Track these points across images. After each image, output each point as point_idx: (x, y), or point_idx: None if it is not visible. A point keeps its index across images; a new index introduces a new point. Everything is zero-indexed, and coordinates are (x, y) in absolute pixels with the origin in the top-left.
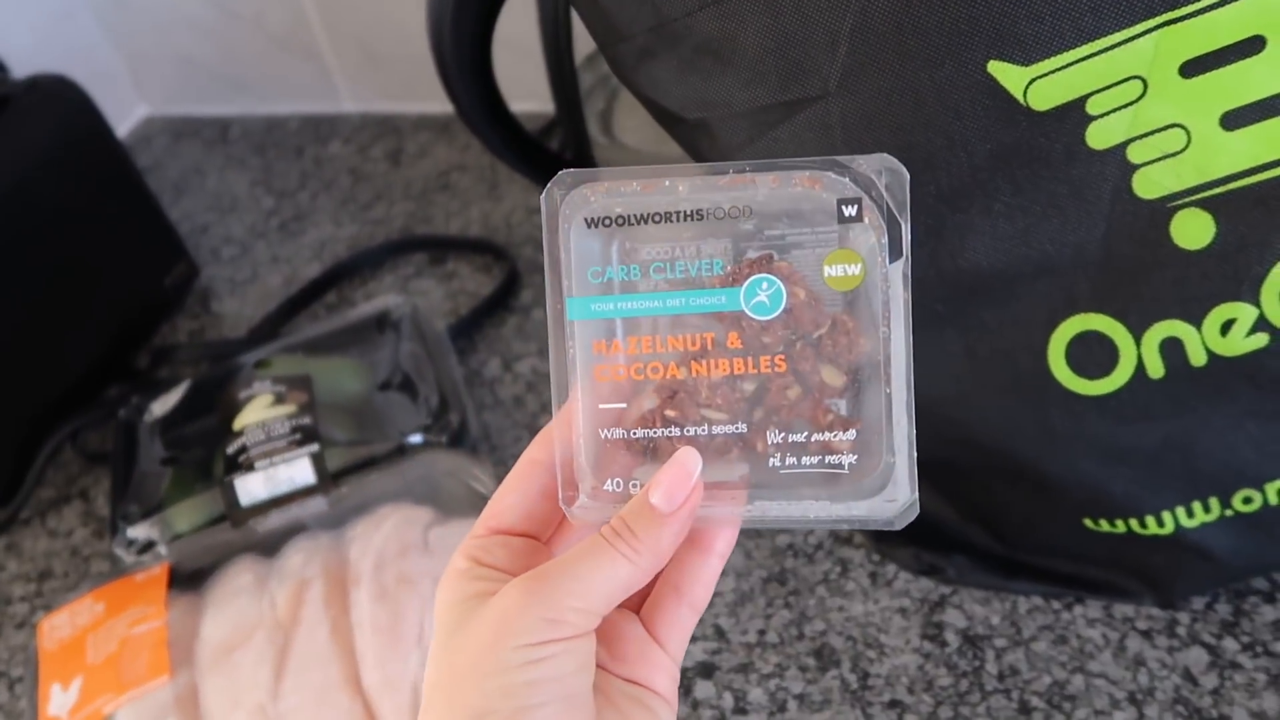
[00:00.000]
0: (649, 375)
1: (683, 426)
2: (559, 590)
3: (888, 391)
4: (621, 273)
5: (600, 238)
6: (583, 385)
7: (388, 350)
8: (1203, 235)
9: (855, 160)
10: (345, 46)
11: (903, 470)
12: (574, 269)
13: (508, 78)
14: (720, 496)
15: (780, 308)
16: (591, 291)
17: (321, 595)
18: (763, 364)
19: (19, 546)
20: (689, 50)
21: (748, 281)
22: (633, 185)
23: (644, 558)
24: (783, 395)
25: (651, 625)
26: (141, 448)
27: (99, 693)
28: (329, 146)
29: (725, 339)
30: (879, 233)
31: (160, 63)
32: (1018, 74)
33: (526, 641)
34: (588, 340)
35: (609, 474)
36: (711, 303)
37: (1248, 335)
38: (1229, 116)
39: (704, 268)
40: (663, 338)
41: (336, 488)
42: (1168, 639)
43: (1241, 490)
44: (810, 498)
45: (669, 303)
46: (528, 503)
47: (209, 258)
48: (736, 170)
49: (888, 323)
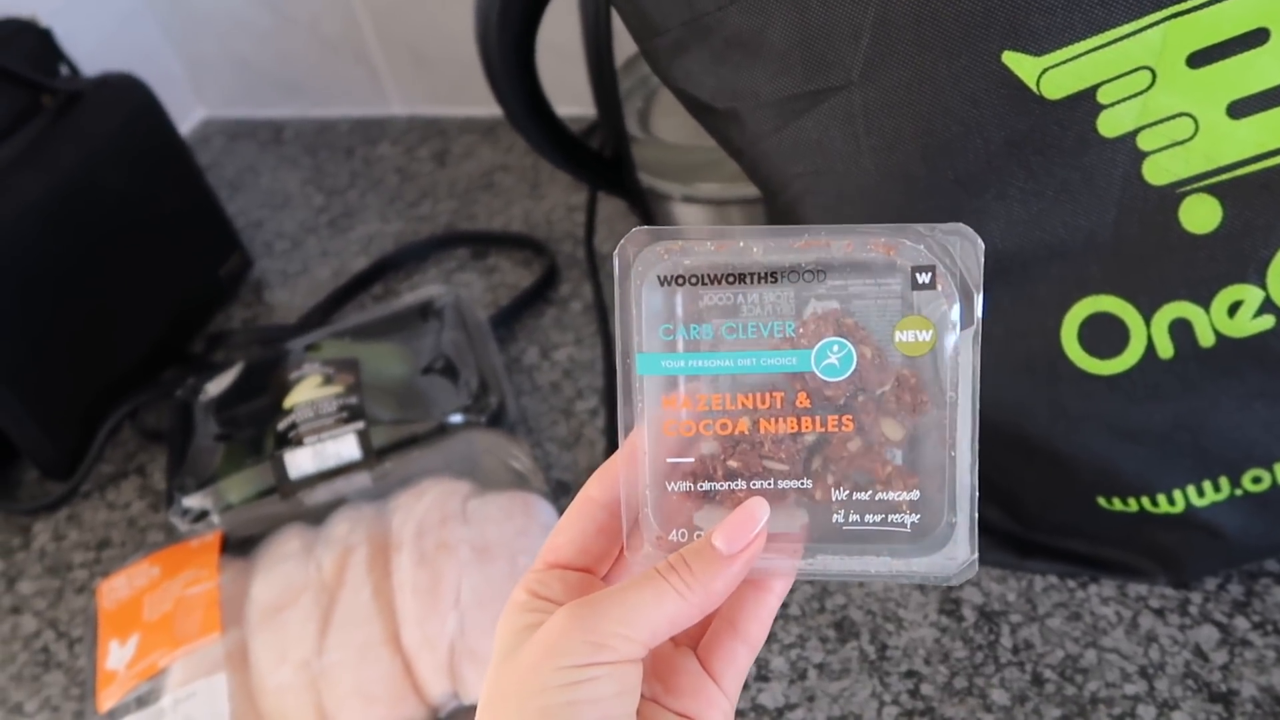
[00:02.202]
0: (718, 431)
1: (748, 479)
2: (605, 616)
3: (952, 455)
4: (693, 331)
5: (673, 295)
6: (650, 438)
7: (431, 337)
8: (1210, 220)
9: (931, 228)
10: (395, 51)
11: (963, 530)
12: (644, 325)
13: (551, 81)
14: (781, 548)
15: (850, 369)
16: (662, 348)
17: (365, 560)
18: (830, 423)
19: (80, 517)
20: (720, 43)
21: (819, 344)
22: (707, 245)
23: (695, 594)
24: (843, 447)
25: (707, 661)
26: (197, 425)
27: (154, 648)
28: (378, 147)
29: (795, 399)
30: (950, 301)
31: (218, 67)
32: (1031, 64)
33: (569, 663)
34: (656, 395)
35: (674, 525)
36: (782, 363)
37: (1254, 317)
38: (1235, 105)
39: (775, 329)
40: (732, 395)
41: (380, 463)
42: (1180, 617)
43: (1251, 470)
44: (871, 553)
45: (740, 362)
46: (584, 539)
47: (262, 251)
48: (811, 234)
49: (955, 388)
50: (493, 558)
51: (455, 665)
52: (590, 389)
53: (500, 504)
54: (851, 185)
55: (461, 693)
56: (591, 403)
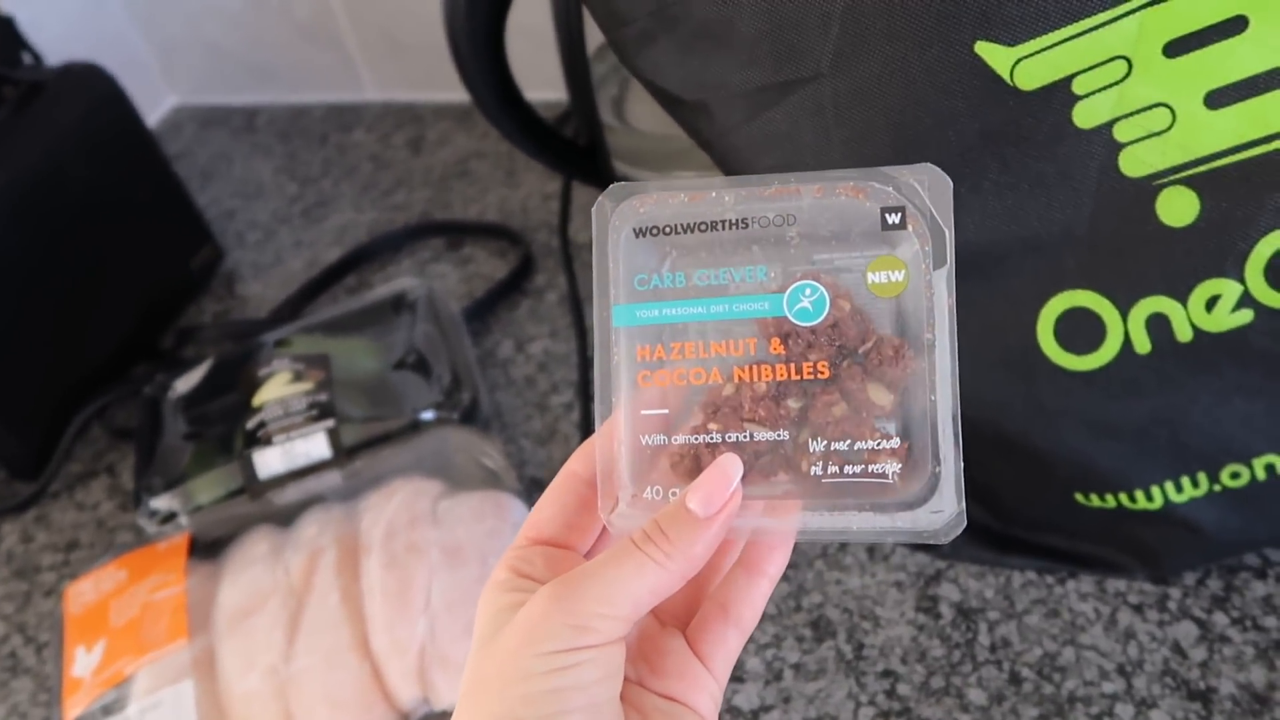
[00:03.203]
0: (692, 381)
1: (724, 434)
2: (585, 596)
3: (933, 399)
4: (668, 280)
5: (648, 247)
6: (626, 391)
7: (403, 331)
8: (1188, 212)
9: (899, 170)
10: (369, 36)
11: (948, 481)
12: (621, 277)
13: (524, 66)
14: (770, 509)
15: (824, 313)
16: (637, 299)
17: (334, 563)
18: (805, 370)
19: (48, 518)
20: (687, 34)
21: (791, 287)
22: (680, 196)
23: (675, 562)
24: (828, 412)
25: (696, 644)
26: (165, 423)
27: (120, 654)
28: (352, 134)
29: (768, 345)
30: (923, 240)
31: (189, 52)
32: (1004, 54)
33: (551, 649)
34: (633, 347)
35: (649, 481)
36: (755, 308)
37: (1232, 311)
38: (1213, 95)
39: (749, 274)
40: (706, 344)
41: (351, 461)
42: (1158, 613)
43: (1229, 465)
44: (854, 509)
45: (713, 309)
46: (566, 514)
47: (234, 242)
48: (782, 181)
49: (932, 329)
50: (463, 560)
51: (425, 670)
52: (565, 382)
53: (471, 504)
54: None
55: (432, 698)
56: (567, 397)
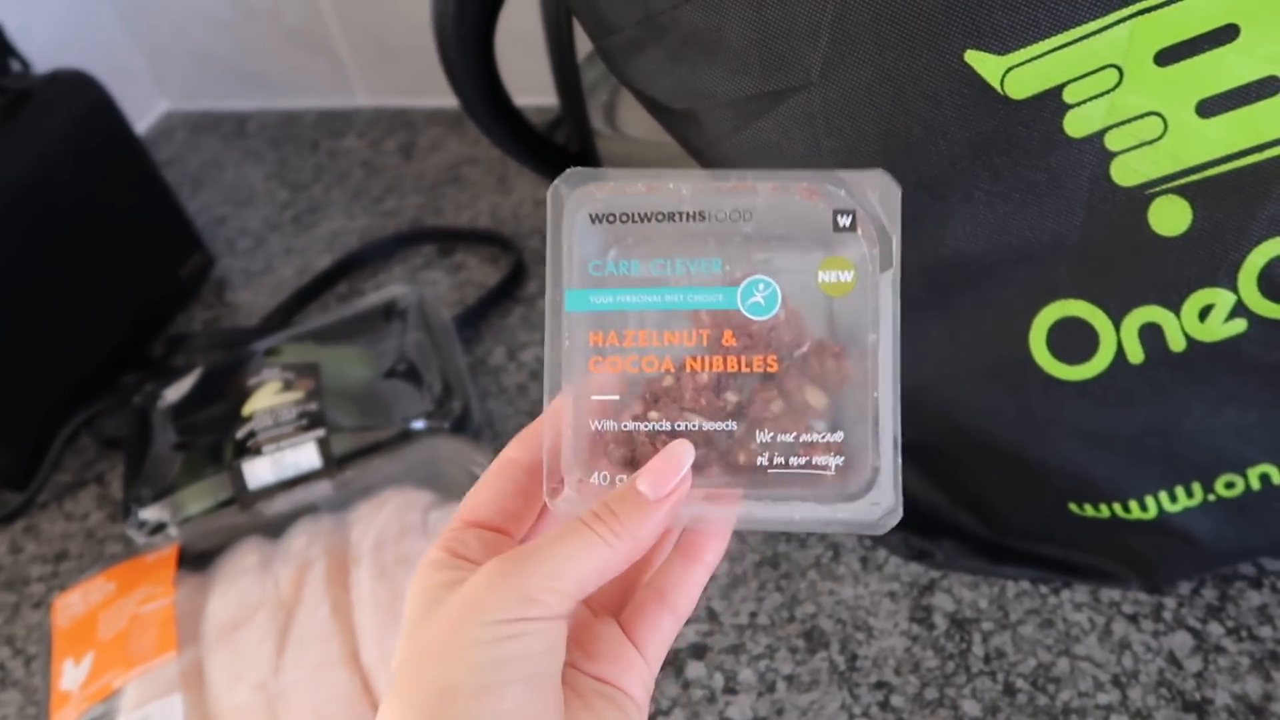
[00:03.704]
0: (644, 368)
1: (665, 423)
2: (533, 570)
3: (875, 396)
4: (622, 267)
5: (603, 234)
6: (576, 376)
7: (394, 339)
8: (1180, 222)
9: (852, 174)
10: (360, 42)
11: (887, 475)
12: (575, 263)
13: (515, 71)
14: (711, 497)
15: (775, 309)
16: (591, 285)
17: (323, 575)
18: (755, 363)
19: (37, 529)
20: (676, 42)
21: (745, 281)
22: (638, 186)
23: (623, 542)
24: (766, 408)
25: (631, 628)
26: (155, 433)
27: (109, 668)
28: (343, 140)
29: (720, 337)
30: (871, 243)
31: (180, 58)
32: (994, 63)
33: (497, 618)
34: (584, 332)
35: (596, 466)
36: (708, 300)
37: (1226, 321)
38: (1205, 104)
39: (703, 267)
40: (659, 333)
41: (341, 472)
42: (1153, 623)
43: (1223, 475)
44: (796, 499)
45: (667, 298)
46: (503, 498)
47: (225, 249)
48: (739, 177)
49: (876, 329)
50: None
51: None
52: None
53: None
54: None
55: None
56: None
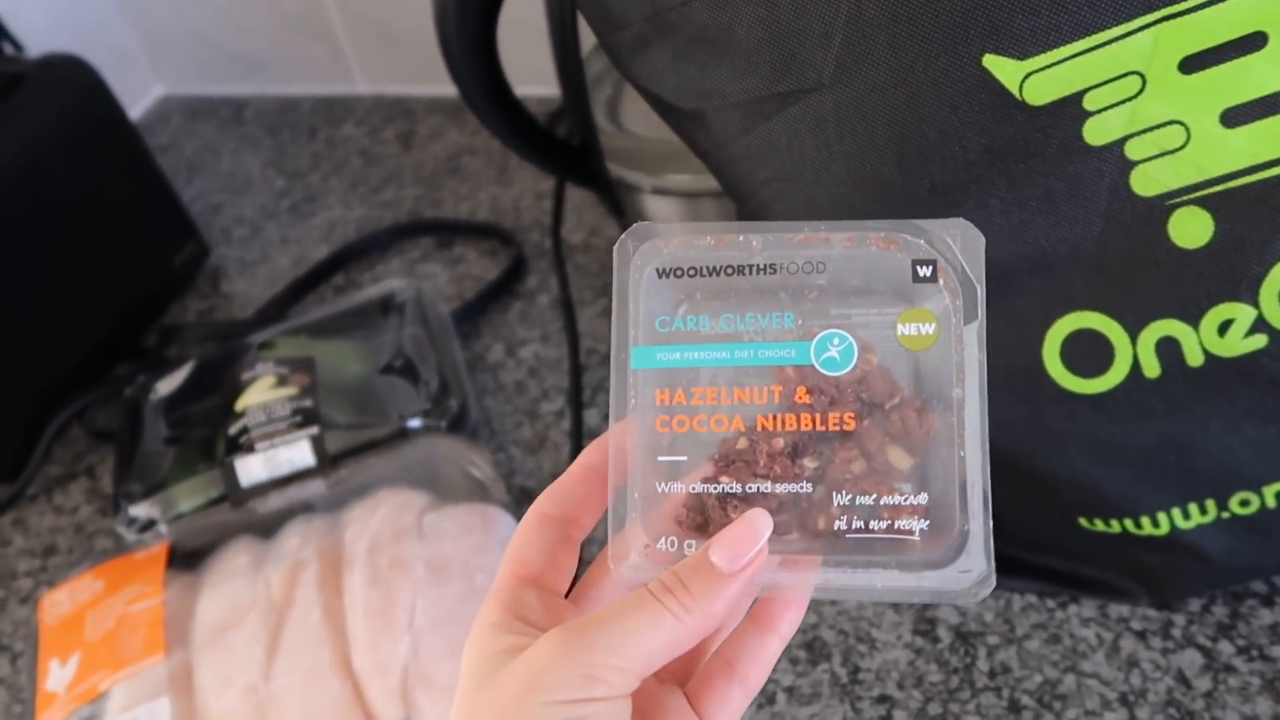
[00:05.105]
0: (714, 428)
1: (745, 485)
2: (598, 646)
3: (961, 455)
4: (690, 323)
5: (670, 289)
6: (643, 433)
7: (391, 333)
8: (1201, 234)
9: (931, 223)
10: (359, 28)
11: (977, 540)
12: (641, 318)
13: (520, 62)
14: (787, 564)
15: (851, 364)
16: (658, 341)
17: (315, 578)
18: (830, 421)
19: (25, 522)
20: (684, 40)
21: (819, 336)
22: (706, 239)
23: (694, 618)
24: (845, 469)
25: (697, 700)
26: (146, 427)
27: (95, 669)
28: (342, 128)
29: (794, 394)
30: (953, 294)
31: (176, 42)
32: (1013, 68)
33: (559, 698)
34: (651, 390)
35: (664, 531)
36: (782, 356)
37: (1246, 336)
38: (1229, 114)
39: (774, 321)
40: (729, 390)
41: (335, 470)
42: (1162, 640)
43: (1238, 493)
44: (879, 566)
45: (737, 354)
46: (551, 551)
47: (220, 237)
48: (811, 229)
49: (962, 385)
50: (449, 577)
51: (408, 690)
52: (556, 389)
53: (458, 518)
54: (822, 193)
55: (414, 718)
56: (558, 404)
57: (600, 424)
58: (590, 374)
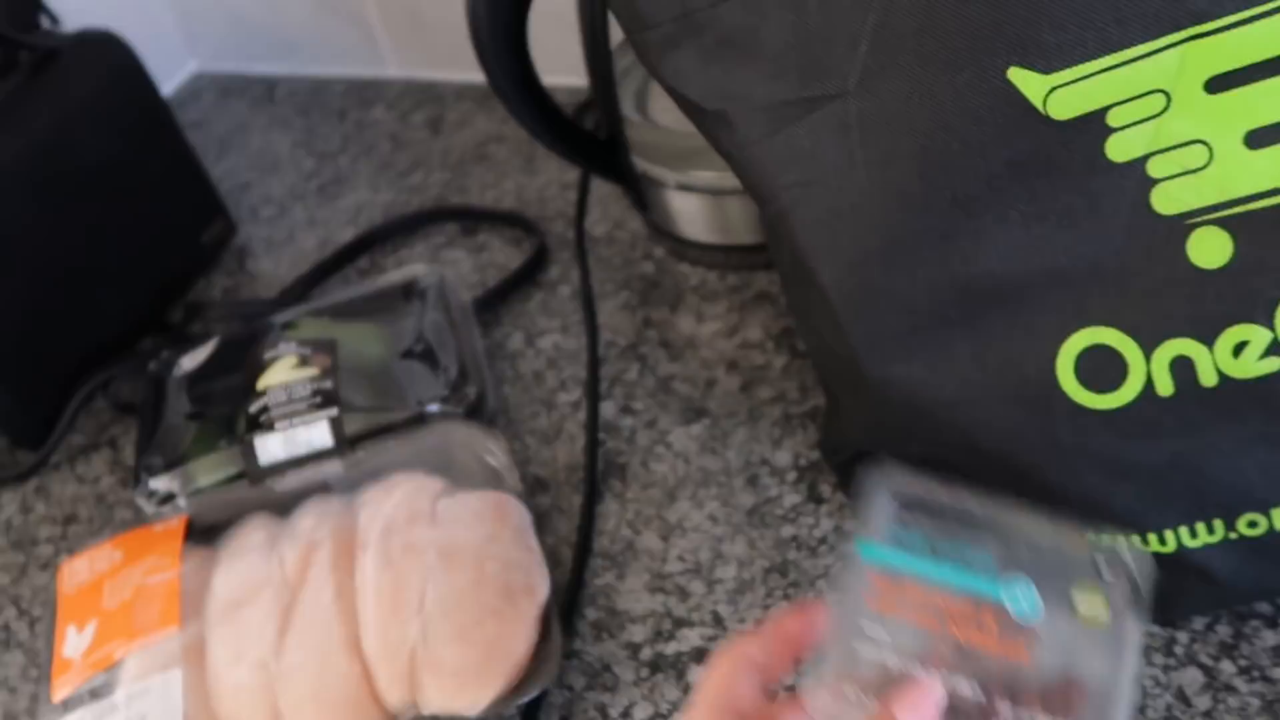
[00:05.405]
0: (918, 619)
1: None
2: None
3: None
4: (915, 539)
5: (901, 508)
6: (852, 595)
7: (412, 319)
8: (1220, 255)
9: (1106, 536)
10: (392, 12)
11: None
12: (875, 522)
13: (548, 50)
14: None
15: (1035, 619)
16: (886, 542)
17: (329, 558)
18: (1009, 650)
19: (48, 490)
20: (712, 41)
21: (1012, 579)
22: (938, 488)
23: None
24: None
25: None
26: (169, 401)
27: (111, 637)
28: (371, 111)
29: (981, 615)
30: (1126, 595)
31: (211, 20)
32: (1038, 82)
33: None
34: (869, 575)
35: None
36: (980, 585)
37: (1261, 358)
38: (1254, 135)
39: (976, 560)
40: (938, 595)
41: (353, 452)
42: (1164, 657)
43: (1247, 514)
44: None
45: (943, 570)
46: (752, 693)
47: (248, 216)
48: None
49: (1116, 679)
50: (460, 564)
51: (415, 674)
52: (574, 380)
53: (472, 505)
54: (844, 200)
55: (421, 702)
56: (575, 395)
57: (616, 416)
58: (608, 366)
